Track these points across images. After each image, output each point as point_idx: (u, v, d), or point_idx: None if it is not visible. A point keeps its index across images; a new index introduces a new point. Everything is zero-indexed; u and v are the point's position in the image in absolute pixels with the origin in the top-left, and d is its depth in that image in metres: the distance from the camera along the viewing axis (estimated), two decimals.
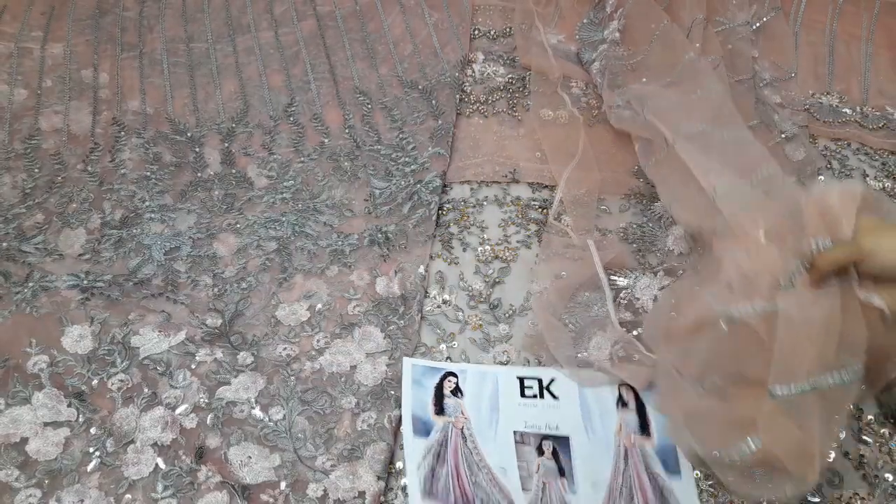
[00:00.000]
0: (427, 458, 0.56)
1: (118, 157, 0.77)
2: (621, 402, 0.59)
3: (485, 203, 0.74)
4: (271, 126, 0.80)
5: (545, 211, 0.72)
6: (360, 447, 0.57)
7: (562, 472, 0.56)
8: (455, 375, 0.61)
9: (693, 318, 0.48)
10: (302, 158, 0.77)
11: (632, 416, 0.59)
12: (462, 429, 0.58)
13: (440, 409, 0.59)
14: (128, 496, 0.55)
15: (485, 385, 0.60)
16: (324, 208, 0.73)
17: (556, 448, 0.57)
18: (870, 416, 0.58)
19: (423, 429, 0.58)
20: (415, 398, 0.59)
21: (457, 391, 0.60)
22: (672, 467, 0.56)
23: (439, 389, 0.60)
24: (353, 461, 0.57)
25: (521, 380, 0.61)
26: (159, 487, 0.56)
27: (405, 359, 0.62)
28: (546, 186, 0.74)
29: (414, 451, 0.56)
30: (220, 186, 0.75)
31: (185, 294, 0.66)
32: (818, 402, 0.41)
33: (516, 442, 0.57)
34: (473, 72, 0.85)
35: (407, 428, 0.58)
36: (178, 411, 0.60)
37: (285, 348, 0.63)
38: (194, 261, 0.69)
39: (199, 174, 0.76)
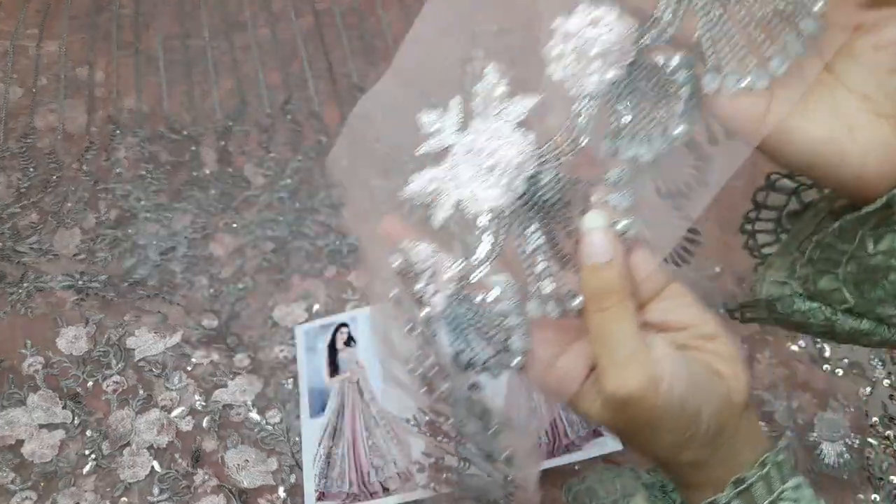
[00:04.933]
0: (323, 441, 0.56)
1: (113, 155, 0.77)
2: None
3: None
4: (268, 124, 0.80)
5: None
6: None
7: None
8: (346, 325, 0.62)
9: None
10: (300, 157, 0.77)
11: None
12: (357, 382, 0.59)
13: (334, 368, 0.60)
14: (124, 499, 0.55)
15: None
16: (321, 208, 0.72)
17: None
18: (875, 419, 0.58)
19: (319, 403, 0.59)
20: (309, 369, 0.60)
21: (350, 341, 0.61)
22: None
23: (332, 346, 0.61)
24: None
25: None
26: (155, 490, 0.55)
27: (296, 328, 0.63)
28: None
29: (310, 439, 0.57)
30: (216, 185, 0.74)
31: (180, 295, 0.66)
32: None
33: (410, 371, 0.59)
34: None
35: (304, 412, 0.58)
36: (173, 414, 0.59)
37: (282, 350, 0.62)
38: (190, 261, 0.68)
39: (195, 173, 0.75)
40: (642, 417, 0.26)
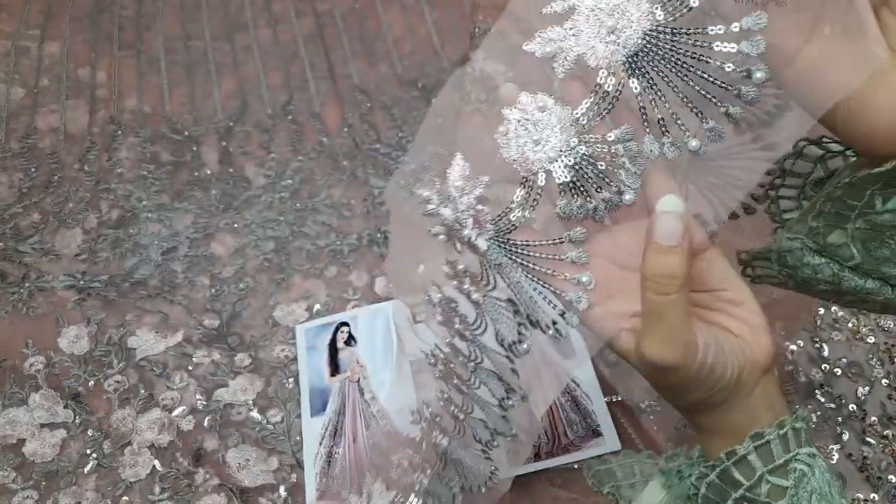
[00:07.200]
0: (324, 441, 0.57)
1: (115, 156, 0.77)
2: None
3: None
4: (269, 125, 0.80)
5: None
6: None
7: None
8: (347, 324, 0.63)
9: None
10: (300, 157, 0.77)
11: None
12: (358, 381, 0.59)
13: (335, 367, 0.60)
14: (125, 498, 0.55)
15: (376, 323, 0.62)
16: (322, 208, 0.72)
17: None
18: (873, 418, 0.58)
19: (320, 403, 0.59)
20: (310, 368, 0.61)
21: (350, 339, 0.62)
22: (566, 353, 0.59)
23: (333, 345, 0.62)
24: None
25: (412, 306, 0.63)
26: (156, 489, 0.55)
27: (297, 327, 0.63)
28: None
29: (311, 439, 0.57)
30: (217, 186, 0.74)
31: (182, 295, 0.66)
32: None
33: (414, 372, 0.59)
34: (474, 70, 0.84)
35: (305, 411, 0.58)
36: (174, 413, 0.59)
37: (283, 349, 0.63)
38: (191, 261, 0.69)
39: (196, 173, 0.76)
40: (676, 382, 0.29)
